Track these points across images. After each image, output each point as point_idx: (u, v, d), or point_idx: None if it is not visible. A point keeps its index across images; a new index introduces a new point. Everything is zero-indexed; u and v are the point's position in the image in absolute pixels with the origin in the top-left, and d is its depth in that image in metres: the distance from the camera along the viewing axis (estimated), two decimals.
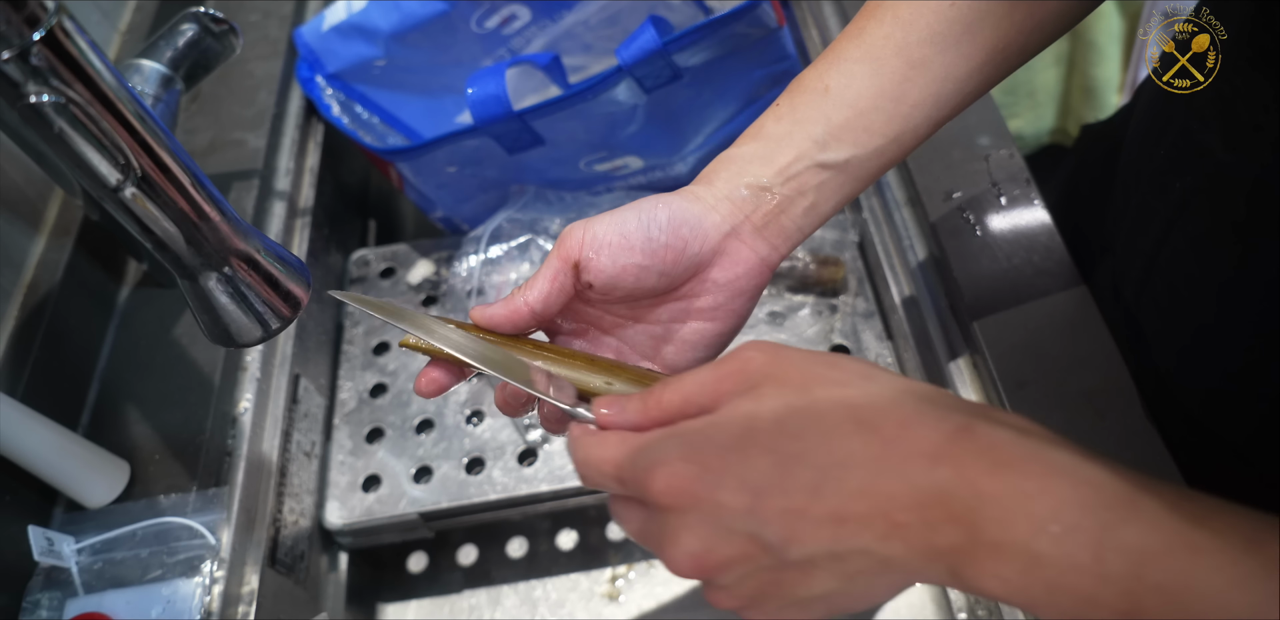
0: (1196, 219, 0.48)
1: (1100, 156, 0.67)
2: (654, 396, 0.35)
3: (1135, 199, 0.55)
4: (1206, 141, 0.45)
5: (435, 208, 0.85)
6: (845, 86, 0.43)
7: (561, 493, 0.70)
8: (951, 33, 0.42)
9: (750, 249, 0.44)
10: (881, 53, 0.43)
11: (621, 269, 0.41)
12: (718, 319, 0.45)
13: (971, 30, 0.42)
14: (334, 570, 0.74)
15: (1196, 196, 0.47)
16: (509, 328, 0.42)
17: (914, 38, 0.43)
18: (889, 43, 0.43)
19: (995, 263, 0.62)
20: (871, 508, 0.29)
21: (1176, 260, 0.51)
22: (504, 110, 0.70)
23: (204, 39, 0.65)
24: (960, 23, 0.42)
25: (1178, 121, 0.48)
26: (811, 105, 0.43)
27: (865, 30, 0.44)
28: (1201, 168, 0.46)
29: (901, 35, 0.43)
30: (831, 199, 0.44)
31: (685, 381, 0.35)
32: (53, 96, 0.32)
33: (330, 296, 0.82)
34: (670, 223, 0.42)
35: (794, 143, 0.43)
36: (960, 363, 0.62)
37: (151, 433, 0.65)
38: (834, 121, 0.43)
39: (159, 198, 0.37)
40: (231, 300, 0.42)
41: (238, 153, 0.78)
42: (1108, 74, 1.20)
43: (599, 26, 0.82)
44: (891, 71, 0.43)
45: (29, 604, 0.57)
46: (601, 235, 0.41)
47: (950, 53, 0.43)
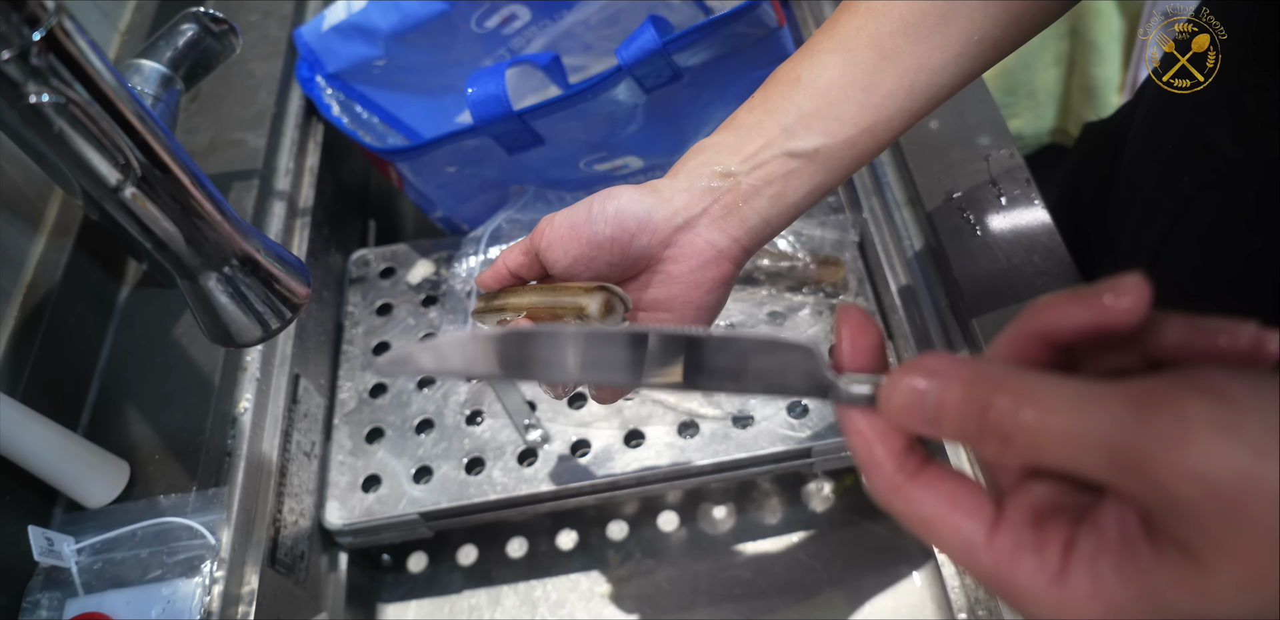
0: (1203, 214, 0.48)
1: (1103, 153, 0.67)
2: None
3: (1141, 194, 0.55)
4: (1215, 137, 0.45)
5: (435, 208, 0.85)
6: (816, 77, 0.43)
7: (561, 493, 0.70)
8: (924, 24, 0.42)
9: (706, 241, 0.44)
10: (854, 43, 0.43)
11: (573, 260, 0.44)
12: (674, 309, 0.45)
13: (945, 21, 0.42)
14: (334, 570, 0.74)
15: (1204, 191, 0.47)
16: (496, 284, 0.49)
17: (886, 28, 0.43)
18: (861, 33, 0.43)
19: (995, 263, 0.62)
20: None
21: (1181, 254, 0.51)
22: (504, 110, 0.70)
23: (204, 39, 0.65)
24: (934, 14, 0.42)
25: (1185, 117, 0.48)
26: (783, 95, 0.44)
27: (839, 22, 0.44)
28: (1210, 163, 0.46)
29: (874, 26, 0.43)
30: (801, 189, 0.44)
31: (1052, 423, 0.24)
32: (53, 96, 0.32)
33: (330, 296, 0.83)
34: (617, 215, 0.43)
35: (763, 131, 0.43)
36: None
37: (151, 433, 0.65)
38: (804, 110, 0.43)
39: (159, 198, 0.37)
40: (231, 300, 0.42)
41: (238, 153, 0.78)
42: (1108, 74, 1.20)
43: (599, 26, 0.82)
44: (863, 61, 0.43)
45: (29, 604, 0.57)
46: (557, 227, 0.45)
47: (923, 44, 0.43)
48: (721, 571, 0.75)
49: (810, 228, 0.78)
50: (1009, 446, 0.24)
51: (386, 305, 0.82)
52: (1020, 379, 0.25)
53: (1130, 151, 0.58)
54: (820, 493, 0.78)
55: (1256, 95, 0.43)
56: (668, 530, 0.78)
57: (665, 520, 0.78)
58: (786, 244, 0.77)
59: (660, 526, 0.78)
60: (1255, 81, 0.43)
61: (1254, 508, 0.22)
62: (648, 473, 0.69)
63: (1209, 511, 0.22)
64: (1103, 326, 0.25)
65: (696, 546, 0.76)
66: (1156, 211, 0.52)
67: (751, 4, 0.65)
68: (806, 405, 0.70)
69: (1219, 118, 0.45)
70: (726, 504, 0.78)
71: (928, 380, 0.26)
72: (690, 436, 0.70)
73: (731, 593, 0.74)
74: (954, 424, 0.25)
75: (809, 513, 0.77)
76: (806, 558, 0.75)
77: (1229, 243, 0.47)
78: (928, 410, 0.26)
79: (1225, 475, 0.22)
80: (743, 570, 0.75)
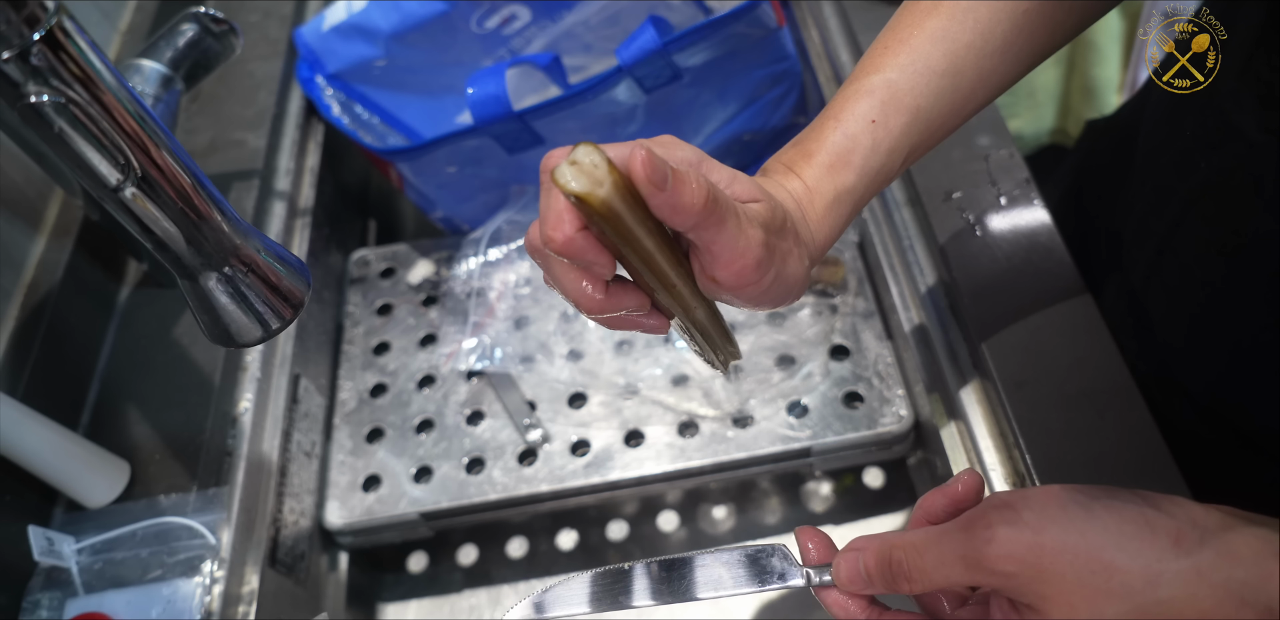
0: (1220, 198, 0.48)
1: (1108, 149, 0.67)
2: (900, 582, 0.38)
3: (1152, 181, 0.55)
4: (1241, 122, 0.45)
5: (435, 208, 0.85)
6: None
7: (561, 493, 0.70)
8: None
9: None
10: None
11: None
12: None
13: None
14: (334, 570, 0.74)
15: (1222, 176, 0.47)
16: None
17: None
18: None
19: (995, 263, 0.62)
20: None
21: (1192, 240, 0.50)
22: (504, 110, 0.70)
23: (204, 39, 0.65)
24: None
25: (1209, 103, 0.48)
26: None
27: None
28: (1232, 149, 0.46)
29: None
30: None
31: (928, 561, 0.37)
32: (53, 96, 0.32)
33: (330, 296, 0.83)
34: None
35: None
36: (960, 363, 0.62)
37: (151, 433, 0.65)
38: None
39: (159, 198, 0.37)
40: (231, 300, 0.42)
41: (238, 153, 0.78)
42: (1108, 74, 1.20)
43: (599, 26, 0.82)
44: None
45: (29, 604, 0.57)
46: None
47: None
48: None
49: None
50: (914, 582, 0.37)
51: (387, 305, 0.82)
52: (903, 537, 0.38)
53: (1144, 138, 0.58)
54: (820, 493, 0.78)
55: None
56: (668, 530, 0.78)
57: (665, 520, 0.78)
58: None
59: (660, 526, 0.78)
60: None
61: (1049, 563, 0.34)
62: (647, 472, 0.69)
63: (1026, 576, 0.34)
64: (955, 505, 0.40)
65: (696, 546, 0.76)
66: (1169, 197, 0.52)
67: (751, 4, 0.65)
68: (806, 405, 0.70)
69: (1246, 104, 0.45)
70: (726, 504, 0.78)
71: (856, 553, 0.39)
72: (690, 436, 0.70)
73: None
74: (879, 577, 0.38)
75: (809, 513, 0.77)
76: None
77: (1243, 228, 0.47)
78: (861, 574, 0.39)
79: (1021, 549, 0.34)
80: None
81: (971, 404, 0.60)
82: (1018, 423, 0.55)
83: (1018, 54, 0.44)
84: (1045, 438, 0.54)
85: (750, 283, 0.36)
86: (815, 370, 0.71)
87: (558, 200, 0.33)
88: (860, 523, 0.76)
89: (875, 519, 0.75)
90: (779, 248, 0.38)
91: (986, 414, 0.59)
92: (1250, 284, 0.48)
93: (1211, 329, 0.52)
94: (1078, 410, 0.55)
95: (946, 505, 0.40)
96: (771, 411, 0.70)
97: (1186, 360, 0.54)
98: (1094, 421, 0.54)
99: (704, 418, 0.71)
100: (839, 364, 0.71)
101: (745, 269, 0.36)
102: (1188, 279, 0.52)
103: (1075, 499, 0.35)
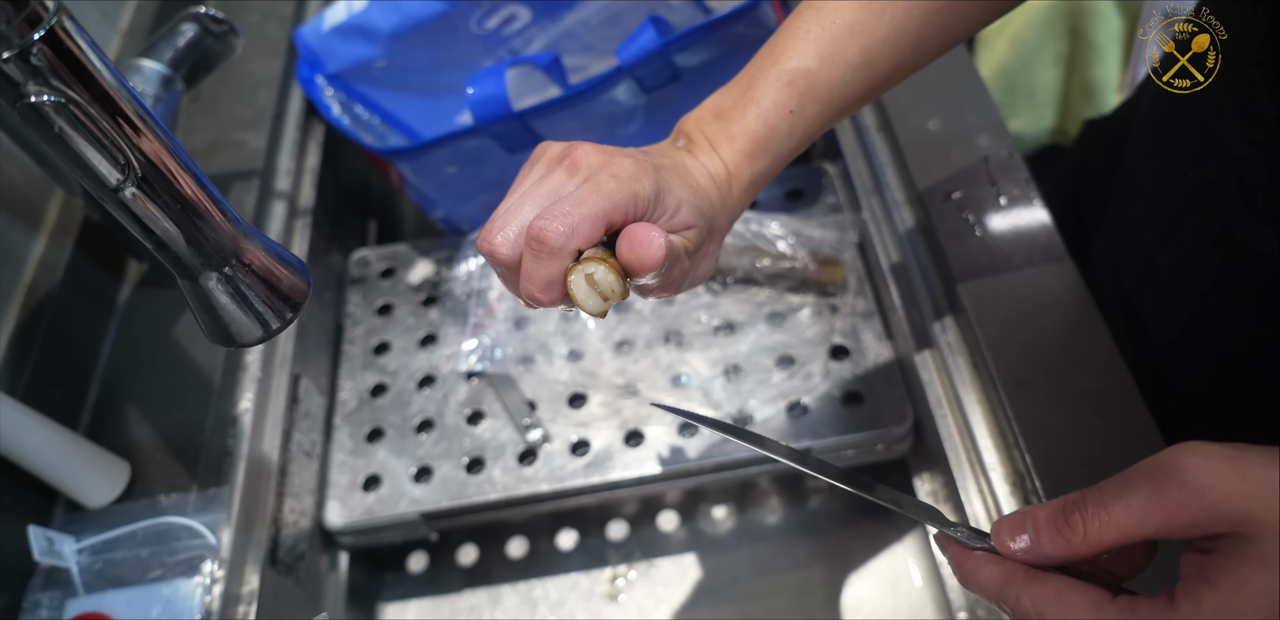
0: (1209, 210, 0.48)
1: (1105, 150, 0.67)
2: (1075, 530, 0.34)
3: (1144, 190, 0.55)
4: (1224, 134, 0.46)
5: (435, 208, 0.85)
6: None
7: (561, 493, 0.70)
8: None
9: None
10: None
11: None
12: None
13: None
14: (334, 570, 0.74)
15: (1210, 188, 0.47)
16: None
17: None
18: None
19: (995, 263, 0.62)
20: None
21: (1185, 250, 0.51)
22: (504, 110, 0.70)
23: (204, 39, 0.65)
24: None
25: (1194, 114, 0.48)
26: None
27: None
28: (1218, 161, 0.47)
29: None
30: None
31: (1114, 511, 0.33)
32: (53, 96, 0.32)
33: (330, 296, 0.83)
34: None
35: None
36: (960, 363, 0.62)
37: (152, 433, 0.65)
38: None
39: (159, 198, 0.37)
40: (231, 300, 0.42)
41: (238, 153, 0.78)
42: (1108, 74, 1.20)
43: (599, 26, 0.82)
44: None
45: (29, 604, 0.57)
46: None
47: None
48: (721, 571, 0.75)
49: (810, 228, 0.78)
50: (1089, 535, 0.34)
51: (387, 305, 0.82)
52: (1078, 492, 0.35)
53: (1134, 147, 0.58)
54: (820, 493, 0.78)
55: (1269, 91, 0.43)
56: (668, 530, 0.78)
57: (665, 520, 0.78)
58: (786, 245, 0.77)
59: (660, 526, 0.78)
60: (1267, 77, 0.43)
61: (1255, 503, 0.31)
62: (647, 472, 0.69)
63: (1234, 518, 0.31)
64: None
65: (696, 546, 0.76)
66: (1159, 207, 0.52)
67: (751, 4, 0.65)
68: (806, 405, 0.70)
69: (1229, 115, 0.45)
70: (726, 504, 0.78)
71: (1023, 510, 0.36)
72: (690, 436, 0.70)
73: (731, 593, 0.74)
74: (1046, 528, 0.35)
75: (809, 513, 0.77)
76: (806, 558, 0.75)
77: (1234, 239, 0.47)
78: (1026, 524, 0.35)
79: (1224, 491, 0.32)
80: (743, 570, 0.75)
81: (971, 404, 0.60)
82: (1018, 423, 0.55)
83: (929, 47, 0.45)
84: (1045, 438, 0.54)
85: (666, 293, 0.42)
86: (815, 370, 0.71)
87: (549, 270, 0.37)
88: (861, 524, 0.76)
89: (875, 519, 0.75)
90: (700, 262, 0.42)
91: (986, 414, 0.59)
92: (1240, 293, 0.48)
93: (1203, 336, 0.52)
94: (1078, 410, 0.55)
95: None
96: (772, 412, 0.70)
97: (1179, 366, 0.54)
98: (1094, 421, 0.54)
99: None
100: (839, 364, 0.72)
101: (666, 288, 0.41)
102: (1179, 287, 0.52)
103: (1237, 453, 0.33)
